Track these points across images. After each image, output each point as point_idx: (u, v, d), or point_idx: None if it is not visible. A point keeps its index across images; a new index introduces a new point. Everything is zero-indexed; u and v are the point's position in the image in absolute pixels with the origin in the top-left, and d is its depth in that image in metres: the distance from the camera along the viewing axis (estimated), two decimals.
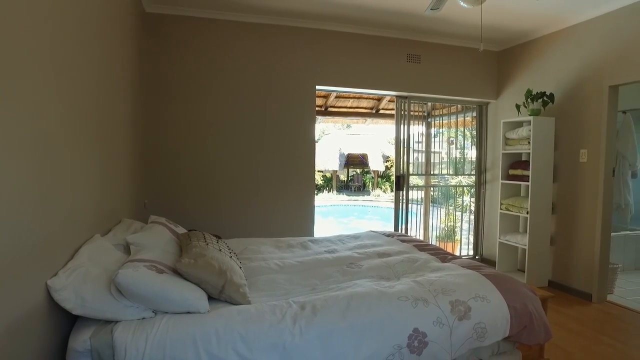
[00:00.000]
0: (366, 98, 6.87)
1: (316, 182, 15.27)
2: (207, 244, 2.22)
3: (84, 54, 2.03)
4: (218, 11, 3.89)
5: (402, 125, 4.81)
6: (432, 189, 5.89)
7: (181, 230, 2.89)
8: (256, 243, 3.08)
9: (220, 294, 1.89)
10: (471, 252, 5.41)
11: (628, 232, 5.14)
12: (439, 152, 5.60)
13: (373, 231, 3.39)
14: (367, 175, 16.86)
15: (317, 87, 4.33)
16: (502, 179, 4.63)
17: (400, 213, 4.83)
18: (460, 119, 5.38)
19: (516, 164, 4.52)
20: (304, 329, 1.69)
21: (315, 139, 4.51)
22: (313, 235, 4.15)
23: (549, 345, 2.88)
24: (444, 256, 2.56)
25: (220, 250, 2.22)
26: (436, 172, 5.51)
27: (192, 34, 3.90)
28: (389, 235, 3.17)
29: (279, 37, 4.14)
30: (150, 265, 1.80)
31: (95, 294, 1.59)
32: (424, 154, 5.34)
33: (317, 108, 7.05)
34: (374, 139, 15.51)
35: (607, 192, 3.86)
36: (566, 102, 4.20)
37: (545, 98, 4.22)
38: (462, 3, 2.37)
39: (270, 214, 4.21)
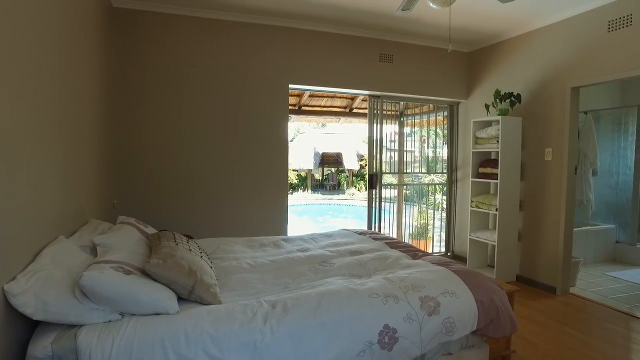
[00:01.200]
0: (340, 97, 6.91)
1: (291, 181, 15.24)
2: (177, 244, 2.19)
3: (41, 48, 1.95)
4: (190, 8, 3.83)
5: (374, 125, 4.86)
6: (405, 187, 5.97)
7: (151, 230, 2.83)
8: (228, 242, 3.05)
9: (190, 295, 1.86)
10: (443, 249, 5.52)
11: (589, 227, 5.36)
12: (412, 151, 5.68)
13: (346, 229, 3.42)
14: (342, 174, 16.95)
15: (290, 85, 4.32)
16: (472, 177, 4.75)
17: (373, 211, 4.88)
18: (432, 118, 5.48)
19: (486, 162, 4.63)
20: (275, 327, 1.69)
21: (290, 138, 4.50)
22: (287, 235, 4.14)
23: (516, 337, 2.99)
24: (415, 253, 2.60)
25: (190, 250, 2.19)
26: (409, 170, 5.59)
27: (163, 30, 3.82)
28: (361, 233, 3.20)
29: (252, 35, 4.11)
30: (117, 266, 1.75)
31: (58, 298, 1.53)
32: (397, 153, 5.41)
33: (290, 107, 7.05)
34: (349, 138, 15.61)
35: (570, 189, 4.01)
36: (532, 102, 4.33)
37: (512, 98, 4.34)
38: (431, 4, 2.41)
39: (244, 214, 4.17)
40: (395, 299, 1.86)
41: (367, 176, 4.93)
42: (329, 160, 15.79)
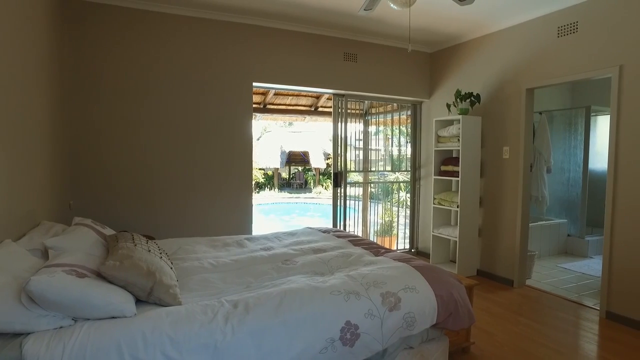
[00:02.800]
0: (305, 96, 6.90)
1: (257, 180, 15.11)
2: (136, 245, 2.12)
3: None
4: (152, 2, 3.71)
5: (339, 123, 4.89)
6: (371, 185, 6.05)
7: (110, 232, 2.74)
8: (190, 243, 3.00)
9: (148, 296, 1.81)
10: (408, 246, 5.63)
11: (544, 222, 5.62)
12: (378, 150, 5.76)
13: (310, 228, 3.42)
14: (309, 172, 16.97)
15: (254, 84, 4.27)
16: (434, 175, 4.87)
17: (338, 209, 4.91)
18: (396, 117, 5.58)
19: (447, 161, 4.76)
20: (236, 327, 1.68)
21: (257, 137, 4.46)
22: (251, 234, 4.10)
23: (475, 329, 3.09)
24: (377, 250, 2.64)
25: (149, 251, 2.13)
26: (375, 168, 5.67)
27: (123, 25, 3.68)
28: (325, 231, 3.21)
29: (215, 32, 4.03)
30: (69, 269, 1.68)
31: (2, 305, 1.45)
32: (362, 151, 5.46)
33: (255, 105, 7.01)
34: (316, 137, 15.64)
35: (525, 186, 4.18)
36: (491, 102, 4.49)
37: (472, 98, 4.48)
38: (391, 4, 2.45)
39: (208, 213, 4.10)
40: (357, 296, 1.88)
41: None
42: (296, 158, 15.77)
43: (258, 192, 14.50)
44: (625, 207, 3.31)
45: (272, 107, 7.02)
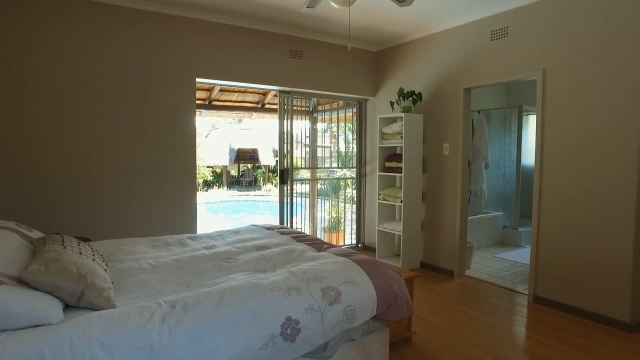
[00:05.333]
0: (251, 92, 6.82)
1: (206, 178, 14.74)
2: (65, 248, 2.00)
3: None
4: None
5: (285, 120, 4.88)
6: (319, 182, 6.09)
7: (38, 235, 2.56)
8: (129, 243, 2.87)
9: (79, 301, 1.72)
10: (354, 241, 5.74)
11: (482, 215, 5.94)
12: (329, 147, 5.81)
13: (254, 225, 3.40)
14: (259, 170, 16.80)
15: (198, 79, 4.16)
16: (379, 171, 4.99)
17: (285, 207, 4.91)
18: (342, 114, 5.65)
19: (391, 157, 4.90)
20: (174, 327, 1.63)
21: (205, 134, 4.33)
22: (196, 233, 4.00)
23: (416, 319, 3.22)
24: (320, 246, 2.67)
25: (81, 253, 2.02)
26: (324, 165, 5.71)
27: (57, 15, 3.43)
28: (269, 228, 3.20)
29: (157, 26, 3.87)
30: None
31: None
32: (309, 148, 5.49)
33: (200, 101, 6.86)
34: (265, 134, 15.50)
35: (464, 181, 4.39)
36: (432, 101, 4.67)
37: (414, 97, 4.64)
38: (332, 3, 2.48)
39: (150, 213, 3.95)
40: (298, 291, 1.89)
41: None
42: (245, 156, 15.55)
43: (206, 191, 14.14)
44: (550, 200, 3.57)
45: (217, 103, 6.87)
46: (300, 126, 5.21)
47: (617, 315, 3.14)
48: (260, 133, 15.62)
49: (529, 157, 6.10)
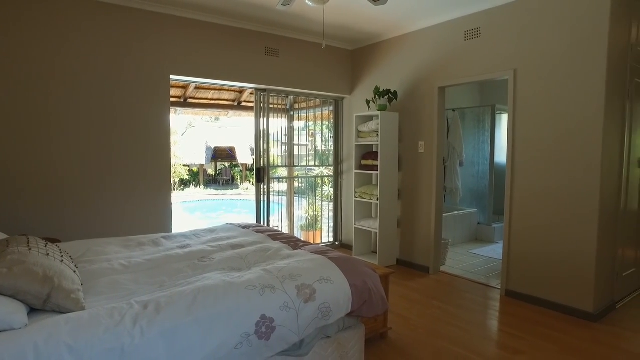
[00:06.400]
0: (227, 90, 6.75)
1: (182, 177, 14.51)
2: (31, 249, 1.93)
3: None
4: None
5: (261, 118, 4.85)
6: (297, 180, 6.09)
7: (1, 236, 2.47)
8: (101, 244, 2.80)
9: (45, 304, 1.66)
10: (332, 239, 5.76)
11: (457, 212, 6.05)
12: (303, 145, 5.81)
13: (230, 224, 3.37)
14: (236, 168, 16.65)
15: (172, 76, 4.09)
16: (355, 169, 5.02)
17: (262, 205, 4.88)
18: (319, 112, 5.66)
19: (367, 155, 4.94)
20: (146, 328, 1.60)
21: (181, 132, 4.26)
22: (171, 232, 3.94)
23: (393, 315, 3.26)
24: (296, 244, 2.67)
25: (48, 254, 1.96)
26: (301, 163, 5.71)
27: (20, 7, 3.30)
28: (245, 227, 3.18)
29: (130, 21, 3.78)
30: None
31: None
32: (287, 146, 5.48)
33: (174, 99, 6.75)
34: (242, 132, 15.37)
35: (439, 178, 4.47)
36: (407, 99, 4.72)
37: (390, 95, 4.69)
38: (307, 1, 2.48)
39: (124, 212, 3.86)
40: (272, 289, 1.88)
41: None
42: (222, 154, 15.39)
43: (183, 190, 13.93)
44: (521, 198, 3.67)
45: (193, 101, 6.77)
46: (278, 124, 5.19)
47: (582, 306, 3.26)
48: (237, 131, 15.48)
49: (502, 155, 6.25)
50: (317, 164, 5.81)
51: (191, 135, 15.20)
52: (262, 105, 4.84)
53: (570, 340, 2.91)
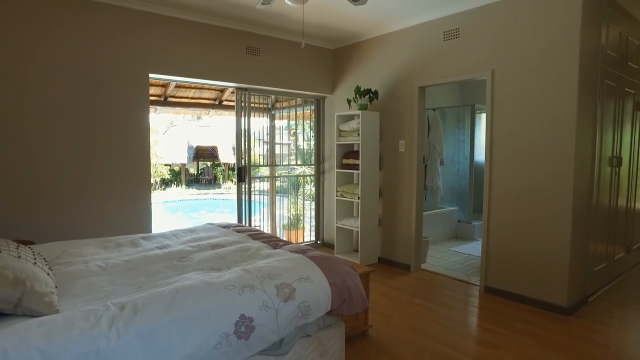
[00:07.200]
0: (208, 89, 6.69)
1: (163, 177, 14.32)
2: (1, 252, 1.89)
3: None
4: None
5: (242, 117, 4.83)
6: (280, 179, 6.08)
7: None
8: (78, 245, 2.74)
9: (16, 308, 1.62)
10: (314, 238, 5.77)
11: (437, 210, 6.14)
12: (285, 144, 5.80)
13: (210, 224, 3.34)
14: (218, 168, 16.51)
15: (151, 75, 4.03)
16: (337, 168, 5.05)
17: (243, 205, 4.86)
18: (301, 112, 5.66)
19: (349, 154, 4.96)
20: (122, 330, 1.58)
21: (162, 131, 4.20)
22: (150, 233, 3.88)
23: (374, 313, 3.29)
24: (276, 243, 2.67)
25: (19, 257, 1.91)
26: (284, 162, 5.70)
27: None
28: (225, 226, 3.16)
29: (108, 18, 3.71)
30: None
31: None
32: (268, 145, 5.46)
33: (154, 97, 6.65)
34: (224, 131, 15.24)
35: (419, 177, 4.52)
36: (388, 98, 4.77)
37: (371, 94, 4.72)
38: (286, 1, 2.48)
39: (102, 213, 3.79)
40: (252, 289, 1.88)
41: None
42: (204, 153, 15.23)
43: (164, 189, 13.74)
44: (499, 196, 3.75)
45: (173, 100, 6.68)
46: (259, 123, 5.17)
47: (557, 301, 3.36)
48: (219, 130, 15.35)
49: (481, 153, 6.35)
50: (299, 163, 5.81)
51: (173, 134, 15.00)
52: (243, 104, 4.82)
53: (545, 334, 2.99)
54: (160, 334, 1.64)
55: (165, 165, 14.58)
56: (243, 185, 4.85)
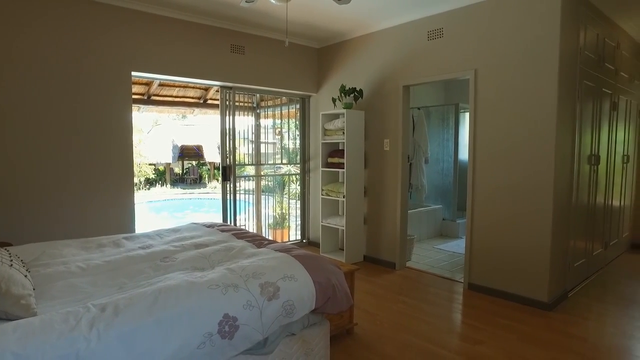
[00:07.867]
0: (193, 87, 6.62)
1: (148, 176, 14.14)
2: None
3: None
4: None
5: (227, 116, 4.80)
6: (265, 178, 6.06)
7: None
8: (58, 246, 2.69)
9: None
10: (300, 237, 5.77)
11: (422, 208, 6.19)
12: (270, 143, 5.78)
13: (195, 223, 3.32)
14: (203, 167, 16.38)
15: (134, 73, 3.97)
16: (322, 167, 5.05)
17: (228, 204, 4.83)
18: (286, 110, 5.65)
19: (334, 153, 4.97)
20: (103, 332, 1.56)
21: (147, 130, 4.14)
22: (133, 233, 3.84)
23: (358, 310, 3.30)
24: (260, 242, 2.66)
25: None
26: (270, 161, 5.68)
27: None
28: (209, 226, 3.14)
29: (88, 15, 3.64)
30: None
31: None
32: (253, 144, 5.44)
33: (138, 96, 6.56)
34: (209, 130, 15.12)
35: (404, 175, 4.55)
36: (373, 97, 4.79)
37: (356, 93, 4.73)
38: None
39: (84, 213, 3.73)
40: (235, 288, 1.87)
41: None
42: (189, 153, 15.09)
43: (149, 189, 13.57)
44: (482, 194, 3.80)
45: (157, 98, 6.60)
46: (244, 122, 5.14)
47: (538, 296, 3.42)
48: (205, 129, 15.22)
49: (465, 152, 6.42)
50: (284, 162, 5.80)
51: (157, 134, 14.83)
52: (227, 102, 4.78)
53: (527, 329, 3.04)
54: (142, 334, 1.62)
55: (150, 164, 14.40)
56: (228, 185, 4.82)
